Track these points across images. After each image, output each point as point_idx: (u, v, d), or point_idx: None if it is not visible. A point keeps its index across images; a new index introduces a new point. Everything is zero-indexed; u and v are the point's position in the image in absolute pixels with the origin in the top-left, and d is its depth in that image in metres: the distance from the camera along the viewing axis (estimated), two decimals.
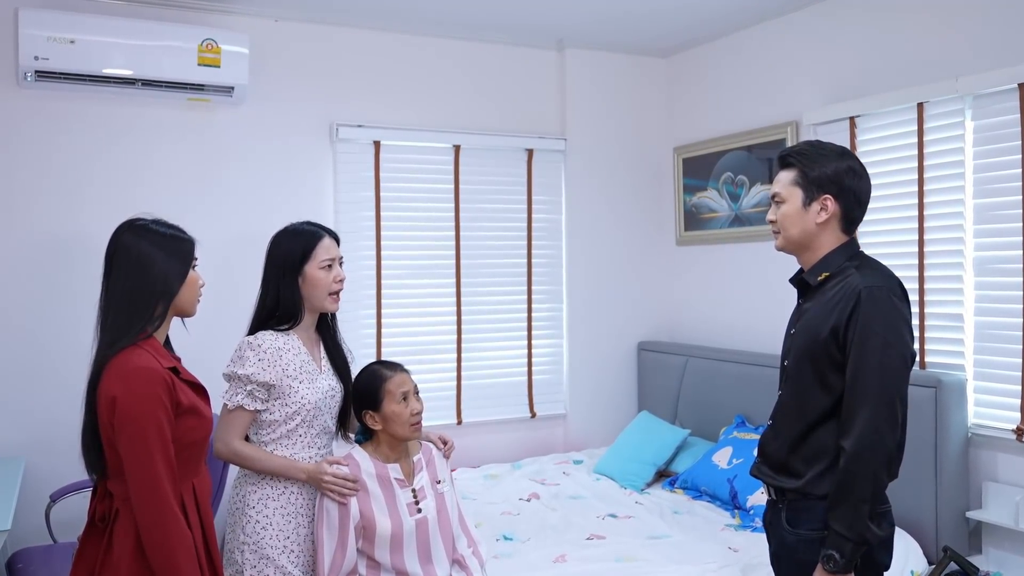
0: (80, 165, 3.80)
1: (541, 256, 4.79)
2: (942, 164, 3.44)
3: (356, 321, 4.29)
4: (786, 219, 2.15)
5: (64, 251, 3.74)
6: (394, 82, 4.44)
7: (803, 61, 4.09)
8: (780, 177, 2.17)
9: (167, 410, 1.89)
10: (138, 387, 1.88)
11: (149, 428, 1.86)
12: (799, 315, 2.20)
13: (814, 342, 2.07)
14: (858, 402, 1.99)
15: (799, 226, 2.14)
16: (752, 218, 4.37)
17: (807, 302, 2.17)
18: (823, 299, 2.09)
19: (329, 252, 2.54)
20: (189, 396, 1.99)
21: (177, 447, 1.93)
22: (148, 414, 1.86)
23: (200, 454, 2.06)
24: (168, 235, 2.07)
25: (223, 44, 3.80)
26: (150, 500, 1.85)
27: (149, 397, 1.87)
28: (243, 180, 4.10)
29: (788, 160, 2.17)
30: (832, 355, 2.04)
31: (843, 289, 2.04)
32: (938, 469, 3.25)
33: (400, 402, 2.51)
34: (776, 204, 2.19)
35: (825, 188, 2.10)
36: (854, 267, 2.09)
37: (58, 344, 3.68)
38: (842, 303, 2.03)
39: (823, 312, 2.07)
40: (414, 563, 2.49)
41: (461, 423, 4.55)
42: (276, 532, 2.46)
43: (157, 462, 1.85)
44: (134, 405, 1.86)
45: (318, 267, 2.52)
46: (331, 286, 2.53)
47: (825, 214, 2.11)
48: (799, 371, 2.14)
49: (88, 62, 3.57)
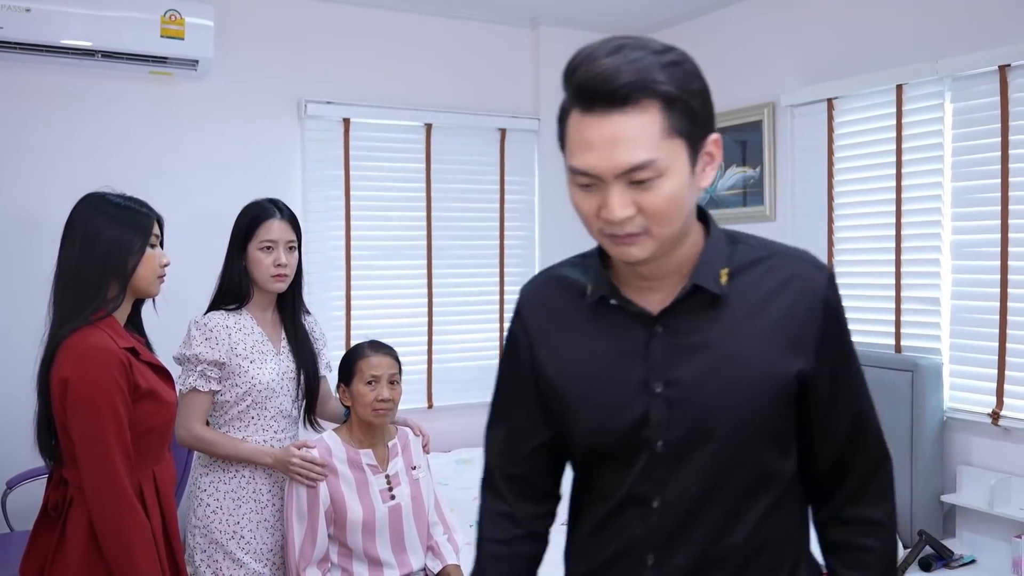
0: (38, 139, 3.65)
1: (514, 238, 4.72)
2: (921, 147, 3.41)
3: (325, 303, 4.18)
4: (671, 205, 1.16)
5: (20, 228, 3.59)
6: (365, 58, 4.33)
7: (781, 41, 4.04)
8: (627, 125, 1.14)
9: (123, 393, 1.78)
10: (92, 369, 1.77)
11: (103, 411, 1.75)
12: (678, 354, 1.25)
13: (763, 389, 1.23)
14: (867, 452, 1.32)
15: (688, 205, 1.20)
16: (727, 200, 4.33)
17: (693, 331, 1.26)
18: (738, 314, 1.25)
19: (270, 233, 2.43)
20: (149, 379, 1.88)
21: (136, 432, 1.83)
22: (102, 397, 1.75)
23: (161, 440, 1.96)
24: (124, 207, 1.94)
25: (187, 16, 3.65)
26: (105, 488, 1.75)
27: (103, 380, 1.76)
28: (208, 156, 3.97)
29: (637, 86, 1.13)
30: (789, 397, 1.25)
31: (780, 289, 1.25)
32: (914, 453, 3.24)
33: (366, 384, 2.44)
34: (632, 185, 1.15)
35: (710, 123, 1.21)
36: (750, 246, 1.30)
37: (14, 325, 3.54)
38: (793, 312, 1.24)
39: (759, 336, 1.24)
40: (387, 550, 2.43)
41: (432, 407, 4.48)
42: (225, 517, 2.39)
43: (112, 447, 1.75)
44: (87, 387, 1.76)
45: (257, 247, 2.43)
46: (269, 269, 2.43)
47: (711, 171, 1.23)
48: (737, 444, 1.25)
49: (45, 31, 3.42)
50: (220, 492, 2.41)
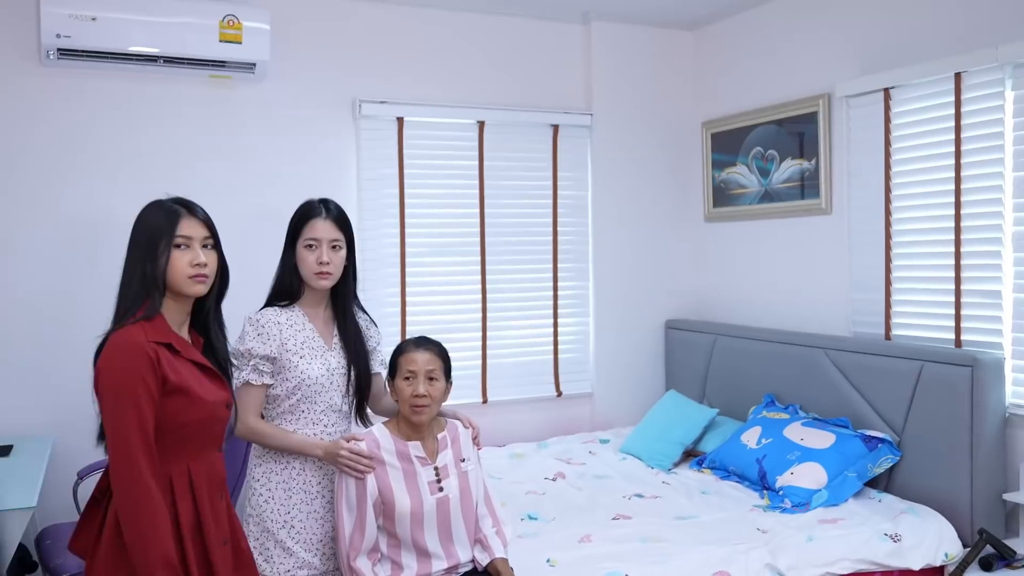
0: (102, 143, 3.79)
1: (567, 233, 4.73)
2: (981, 136, 3.32)
3: (380, 300, 4.26)
4: None
5: (87, 230, 3.74)
6: (417, 57, 4.39)
7: (835, 31, 3.97)
8: None
9: (146, 384, 1.86)
10: (118, 360, 1.87)
11: (124, 399, 1.84)
12: None
13: None
14: None
15: None
16: (783, 194, 4.28)
17: None
18: None
19: (314, 232, 2.50)
20: (183, 375, 1.94)
21: (168, 426, 1.90)
22: (124, 387, 1.85)
23: (201, 436, 2.00)
24: (158, 210, 2.01)
25: (244, 20, 3.76)
26: (123, 472, 1.83)
27: (127, 370, 1.85)
28: (266, 158, 4.08)
29: None
30: None
31: None
32: (974, 450, 3.17)
33: (404, 379, 2.49)
34: None
35: None
36: None
37: (85, 325, 3.68)
38: None
39: None
40: (434, 541, 2.47)
41: (486, 402, 4.52)
42: (277, 507, 2.47)
43: (132, 435, 1.83)
44: (112, 377, 1.86)
45: (303, 245, 2.51)
46: (312, 266, 2.50)
47: None
48: None
49: (109, 39, 3.56)
50: (272, 483, 2.49)
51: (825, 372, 3.77)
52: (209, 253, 2.03)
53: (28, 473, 2.99)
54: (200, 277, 1.99)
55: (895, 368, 3.45)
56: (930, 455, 3.31)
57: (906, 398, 3.41)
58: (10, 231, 3.64)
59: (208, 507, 1.98)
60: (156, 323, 1.96)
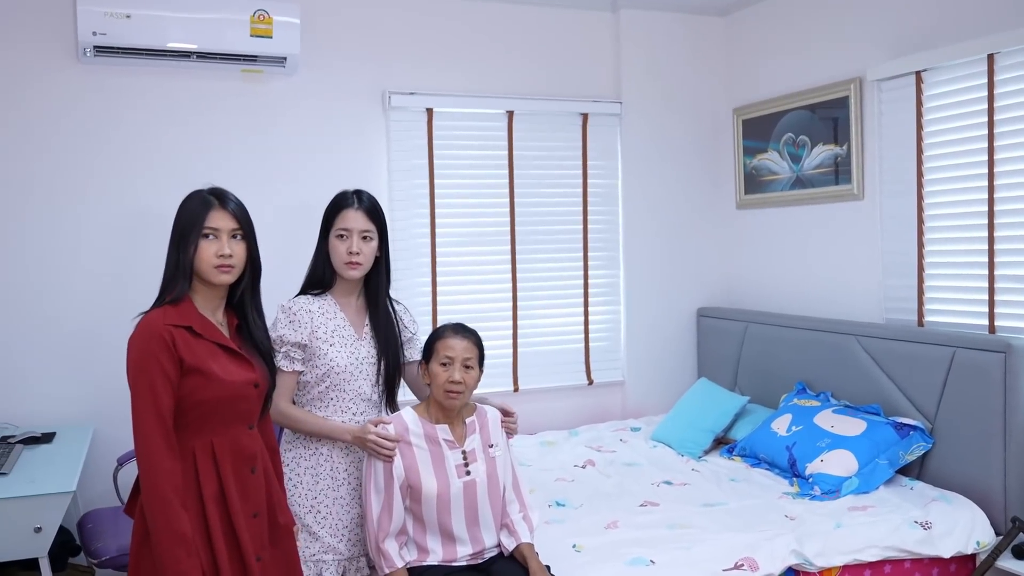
0: (138, 138, 3.87)
1: (597, 222, 4.73)
2: (1014, 119, 3.26)
3: (411, 289, 4.30)
4: None
5: (124, 223, 3.82)
6: (446, 48, 4.41)
7: (866, 14, 3.92)
8: None
9: (161, 364, 1.96)
10: (137, 340, 2.00)
11: (140, 378, 1.96)
12: None
13: None
14: None
15: None
16: (815, 180, 4.24)
17: None
18: None
19: (345, 222, 2.54)
20: (200, 356, 2.02)
21: (185, 404, 2.00)
22: (140, 365, 1.96)
23: (222, 413, 2.06)
24: (193, 200, 2.11)
25: (275, 14, 3.81)
26: (139, 445, 1.95)
27: (144, 350, 1.97)
28: (297, 150, 4.13)
29: None
30: None
31: None
32: (1007, 437, 3.13)
33: (440, 364, 2.52)
34: None
35: None
36: None
37: (121, 316, 3.77)
38: None
39: None
40: (460, 525, 2.50)
41: (518, 390, 4.55)
42: (304, 491, 2.52)
43: (146, 409, 1.94)
44: (132, 356, 1.99)
45: (334, 235, 2.55)
46: (343, 256, 2.54)
47: None
48: None
49: (143, 36, 3.63)
50: (301, 468, 2.54)
51: (857, 359, 3.74)
52: (237, 244, 2.10)
53: (68, 459, 3.09)
54: (225, 267, 2.08)
55: (927, 355, 3.42)
56: (963, 442, 3.27)
57: (939, 385, 3.37)
58: (50, 224, 3.74)
59: (232, 480, 2.06)
60: (181, 307, 2.06)
